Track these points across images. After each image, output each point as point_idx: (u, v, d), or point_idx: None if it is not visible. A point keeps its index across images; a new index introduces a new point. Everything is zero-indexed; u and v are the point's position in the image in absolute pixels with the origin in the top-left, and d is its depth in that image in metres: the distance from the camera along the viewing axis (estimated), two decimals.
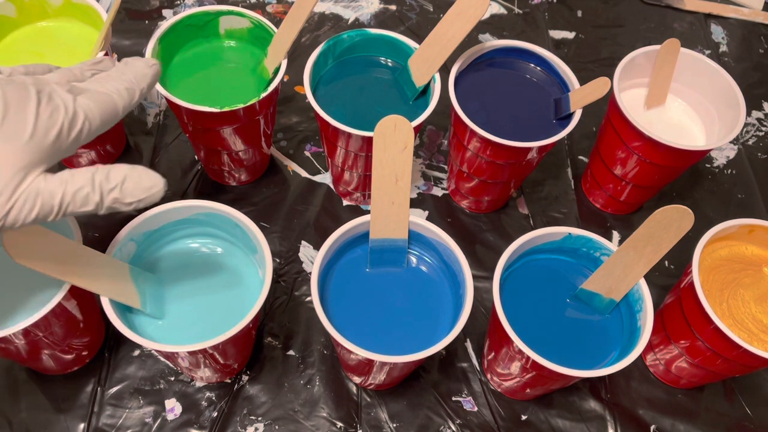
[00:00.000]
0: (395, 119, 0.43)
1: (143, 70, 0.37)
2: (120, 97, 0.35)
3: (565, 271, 0.49)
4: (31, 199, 0.32)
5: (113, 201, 0.35)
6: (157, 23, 0.75)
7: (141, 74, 0.37)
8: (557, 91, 0.57)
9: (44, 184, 0.32)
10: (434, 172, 0.67)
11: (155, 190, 0.36)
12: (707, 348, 0.48)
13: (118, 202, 0.35)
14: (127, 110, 0.36)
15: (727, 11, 0.85)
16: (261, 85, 0.54)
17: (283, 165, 0.66)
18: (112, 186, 0.34)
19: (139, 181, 0.35)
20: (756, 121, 0.75)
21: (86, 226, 0.59)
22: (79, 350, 0.51)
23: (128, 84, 0.36)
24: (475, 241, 0.63)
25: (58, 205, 0.33)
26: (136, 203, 0.36)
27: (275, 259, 0.59)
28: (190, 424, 0.51)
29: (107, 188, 0.34)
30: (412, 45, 0.55)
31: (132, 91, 0.36)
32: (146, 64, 0.37)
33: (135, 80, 0.36)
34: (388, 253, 0.48)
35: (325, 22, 0.78)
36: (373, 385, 0.53)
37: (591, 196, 0.67)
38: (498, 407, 0.54)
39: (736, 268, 0.51)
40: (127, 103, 0.36)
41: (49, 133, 0.32)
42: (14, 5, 0.55)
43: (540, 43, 0.75)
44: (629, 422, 0.54)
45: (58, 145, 0.33)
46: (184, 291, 0.47)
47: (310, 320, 0.57)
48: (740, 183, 0.70)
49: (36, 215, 0.32)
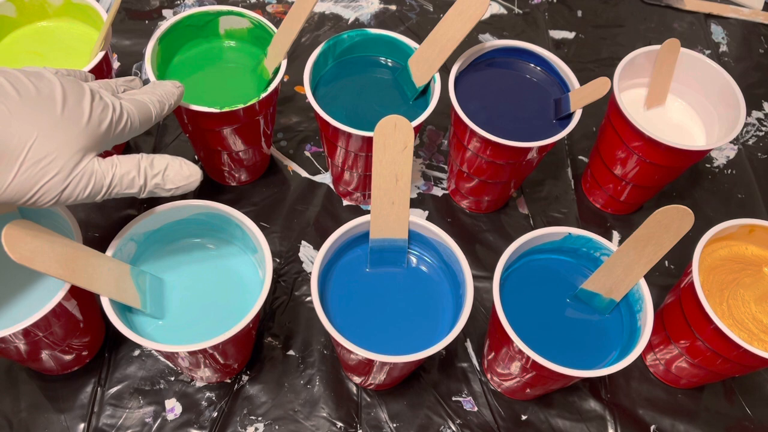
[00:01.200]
0: (395, 119, 0.43)
1: (171, 89, 0.43)
2: (153, 107, 0.41)
3: (565, 271, 0.49)
4: (86, 178, 0.36)
5: (155, 186, 0.39)
6: (157, 23, 0.75)
7: (169, 92, 0.42)
8: (557, 91, 0.57)
9: (97, 166, 0.37)
10: (434, 172, 0.67)
11: (193, 179, 0.41)
12: (707, 348, 0.48)
13: (159, 187, 0.40)
14: (158, 119, 0.41)
15: (727, 11, 0.85)
16: (261, 85, 0.54)
17: (283, 165, 0.66)
18: (155, 172, 0.39)
19: (179, 169, 0.40)
20: (756, 121, 0.75)
21: (86, 226, 0.59)
22: (79, 350, 0.51)
23: (159, 98, 0.41)
24: (475, 241, 0.63)
25: (108, 185, 0.37)
26: (174, 190, 0.40)
27: (275, 259, 0.59)
28: (190, 424, 0.51)
29: (151, 174, 0.39)
30: (412, 45, 0.55)
31: (162, 104, 0.41)
32: (174, 85, 0.43)
33: (165, 96, 0.42)
34: (388, 253, 0.48)
35: (325, 22, 0.78)
36: (373, 385, 0.53)
37: (591, 196, 0.67)
38: (498, 407, 0.54)
39: (736, 268, 0.51)
40: (159, 113, 0.41)
41: (102, 125, 0.37)
42: (14, 5, 0.55)
43: (540, 43, 0.75)
44: (629, 422, 0.54)
45: (107, 136, 0.37)
46: (184, 291, 0.47)
47: (310, 320, 0.57)
48: (740, 183, 0.70)
49: (88, 193, 0.37)
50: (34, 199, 0.35)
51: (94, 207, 0.61)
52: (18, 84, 0.34)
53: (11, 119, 0.33)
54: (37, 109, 0.34)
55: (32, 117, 0.34)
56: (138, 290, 0.43)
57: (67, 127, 0.35)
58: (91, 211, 0.61)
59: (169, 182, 0.40)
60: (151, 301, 0.44)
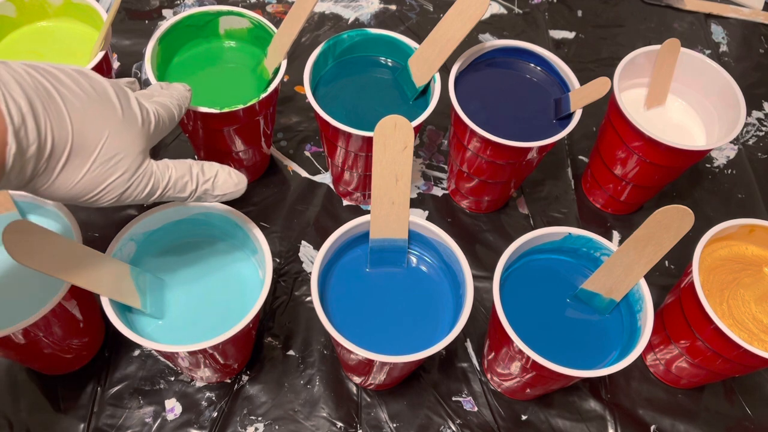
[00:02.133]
0: (395, 119, 0.43)
1: (183, 92, 0.43)
2: (175, 109, 0.41)
3: (565, 271, 0.49)
4: (146, 179, 0.37)
5: (204, 192, 0.40)
6: (157, 23, 0.75)
7: (183, 95, 0.43)
8: (557, 91, 0.57)
9: (155, 168, 0.37)
10: (434, 172, 0.67)
11: (240, 187, 0.42)
12: (707, 348, 0.48)
13: (208, 193, 0.40)
14: (177, 120, 0.42)
15: (727, 11, 0.85)
16: (261, 86, 0.54)
17: (283, 165, 0.66)
18: (206, 178, 0.40)
19: (228, 177, 0.41)
20: (756, 121, 0.75)
21: (86, 226, 0.59)
22: (79, 350, 0.51)
23: (176, 100, 0.42)
24: (475, 241, 0.63)
25: (163, 187, 0.38)
26: (221, 197, 0.41)
27: (275, 259, 0.59)
28: (190, 424, 0.51)
29: (202, 179, 0.40)
30: (412, 45, 0.55)
31: (180, 106, 0.42)
32: (184, 87, 0.44)
33: (180, 98, 0.42)
34: (388, 253, 0.48)
35: (325, 22, 0.78)
36: (373, 385, 0.53)
37: (591, 196, 0.67)
38: (498, 407, 0.54)
39: (736, 268, 0.51)
40: (177, 114, 0.42)
41: (150, 126, 0.38)
42: (14, 5, 0.55)
43: (540, 43, 0.75)
44: (629, 422, 0.54)
45: (154, 136, 0.38)
46: (184, 291, 0.47)
47: (310, 320, 0.57)
48: (740, 183, 0.70)
49: (146, 194, 0.37)
50: (98, 197, 0.35)
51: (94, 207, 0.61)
52: (77, 82, 0.34)
53: (85, 116, 0.33)
54: (102, 108, 0.34)
55: (102, 115, 0.34)
56: (138, 290, 0.43)
57: (130, 128, 0.35)
58: (91, 211, 0.61)
59: (218, 189, 0.40)
60: (151, 301, 0.44)
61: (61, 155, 0.32)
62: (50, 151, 0.31)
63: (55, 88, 0.32)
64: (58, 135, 0.31)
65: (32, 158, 0.30)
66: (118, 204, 0.36)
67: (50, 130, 0.31)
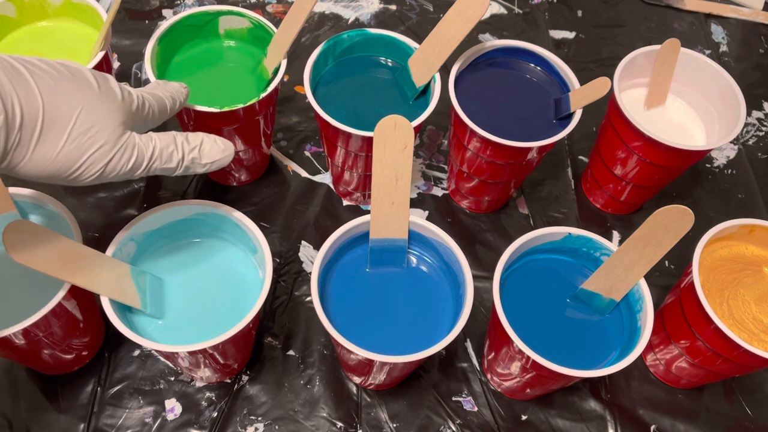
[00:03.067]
0: (395, 119, 0.43)
1: (179, 89, 0.44)
2: (168, 100, 0.42)
3: (565, 271, 0.49)
4: (129, 151, 0.37)
5: (192, 161, 0.40)
6: (157, 23, 0.75)
7: (178, 91, 0.43)
8: (557, 91, 0.57)
9: (138, 140, 0.37)
10: (434, 172, 0.67)
11: (227, 153, 0.42)
12: (707, 348, 0.48)
13: (196, 162, 0.40)
14: (171, 113, 0.42)
15: (727, 11, 0.85)
16: (261, 85, 0.54)
17: (283, 165, 0.66)
18: (192, 146, 0.40)
19: (214, 144, 0.41)
20: (756, 121, 0.75)
21: (86, 226, 0.59)
22: (79, 350, 0.51)
23: (171, 94, 0.42)
24: (475, 241, 0.63)
25: (149, 158, 0.38)
26: (209, 164, 0.41)
27: (275, 259, 0.59)
28: (190, 424, 0.51)
29: (188, 148, 0.40)
30: (412, 45, 0.55)
31: (173, 100, 0.42)
32: (181, 85, 0.44)
33: (174, 93, 0.43)
34: (388, 253, 0.48)
35: (325, 22, 0.78)
36: (373, 385, 0.53)
37: (591, 196, 0.67)
38: (498, 407, 0.54)
39: (736, 268, 0.51)
40: (172, 107, 0.42)
41: (132, 104, 0.38)
42: (14, 5, 0.55)
43: (540, 43, 0.75)
44: (629, 422, 0.54)
45: (137, 115, 0.38)
46: (184, 291, 0.47)
47: (310, 320, 0.57)
48: (740, 183, 0.70)
49: (131, 166, 0.37)
50: (81, 171, 0.35)
51: (94, 207, 0.61)
52: (51, 65, 0.35)
53: (57, 90, 0.33)
54: (77, 85, 0.35)
55: (75, 90, 0.34)
56: (138, 290, 0.43)
57: (106, 102, 0.36)
58: (91, 211, 0.61)
59: (205, 156, 0.41)
60: (151, 301, 0.44)
61: (34, 127, 0.32)
62: (20, 121, 0.31)
63: (24, 67, 0.33)
64: (27, 105, 0.32)
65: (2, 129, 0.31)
66: (103, 179, 0.36)
67: (17, 99, 0.31)
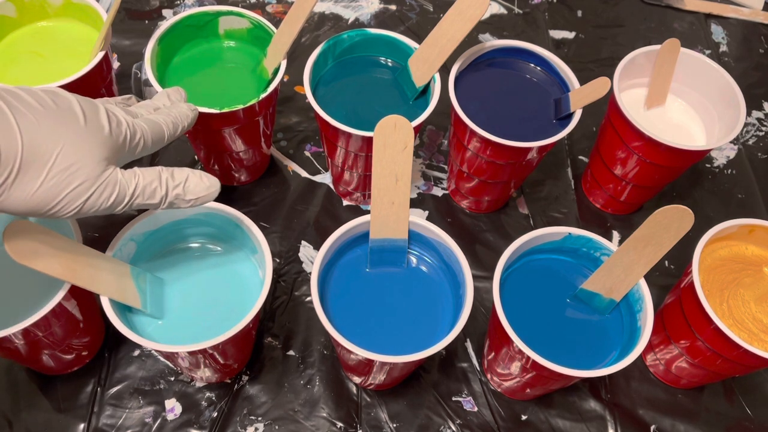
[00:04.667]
0: (395, 119, 0.43)
1: (186, 112, 0.43)
2: (167, 127, 0.41)
3: (565, 271, 0.49)
4: (110, 188, 0.36)
5: (175, 197, 0.39)
6: (157, 23, 0.75)
7: (184, 114, 0.43)
8: (557, 91, 0.57)
9: (121, 176, 0.37)
10: (434, 172, 0.67)
11: (213, 190, 0.41)
12: (707, 348, 0.48)
13: (179, 198, 0.40)
14: (170, 140, 0.42)
15: (727, 11, 0.85)
16: (261, 86, 0.54)
17: (283, 165, 0.66)
18: (176, 183, 0.39)
19: (199, 181, 0.40)
20: (756, 121, 0.75)
21: (86, 226, 0.59)
22: (79, 350, 0.51)
23: (174, 119, 0.42)
24: (475, 241, 0.63)
25: (131, 195, 0.37)
26: (194, 201, 0.40)
27: (275, 259, 0.59)
28: (190, 424, 0.51)
29: (172, 185, 0.39)
30: (412, 45, 0.55)
31: (176, 125, 0.42)
32: (189, 108, 0.44)
33: (179, 117, 0.42)
34: (388, 253, 0.48)
35: (325, 22, 0.78)
36: (373, 385, 0.53)
37: (591, 196, 0.67)
38: (498, 407, 0.54)
39: (736, 268, 0.51)
40: (171, 134, 0.42)
41: (119, 137, 0.37)
42: (14, 5, 0.55)
43: (540, 43, 0.75)
44: (629, 422, 0.54)
45: (123, 150, 0.38)
46: (184, 291, 0.47)
47: (310, 320, 0.57)
48: (740, 183, 0.70)
49: (111, 202, 0.37)
50: (59, 208, 0.35)
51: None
52: (38, 98, 0.34)
53: (39, 128, 0.33)
54: (61, 120, 0.34)
55: (58, 127, 0.34)
56: (138, 290, 0.43)
57: (90, 138, 0.35)
58: None
59: (189, 193, 0.40)
60: (151, 301, 0.44)
61: (12, 166, 0.32)
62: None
63: (6, 103, 0.32)
64: (5, 145, 0.32)
65: None
66: (83, 215, 0.36)
67: None
